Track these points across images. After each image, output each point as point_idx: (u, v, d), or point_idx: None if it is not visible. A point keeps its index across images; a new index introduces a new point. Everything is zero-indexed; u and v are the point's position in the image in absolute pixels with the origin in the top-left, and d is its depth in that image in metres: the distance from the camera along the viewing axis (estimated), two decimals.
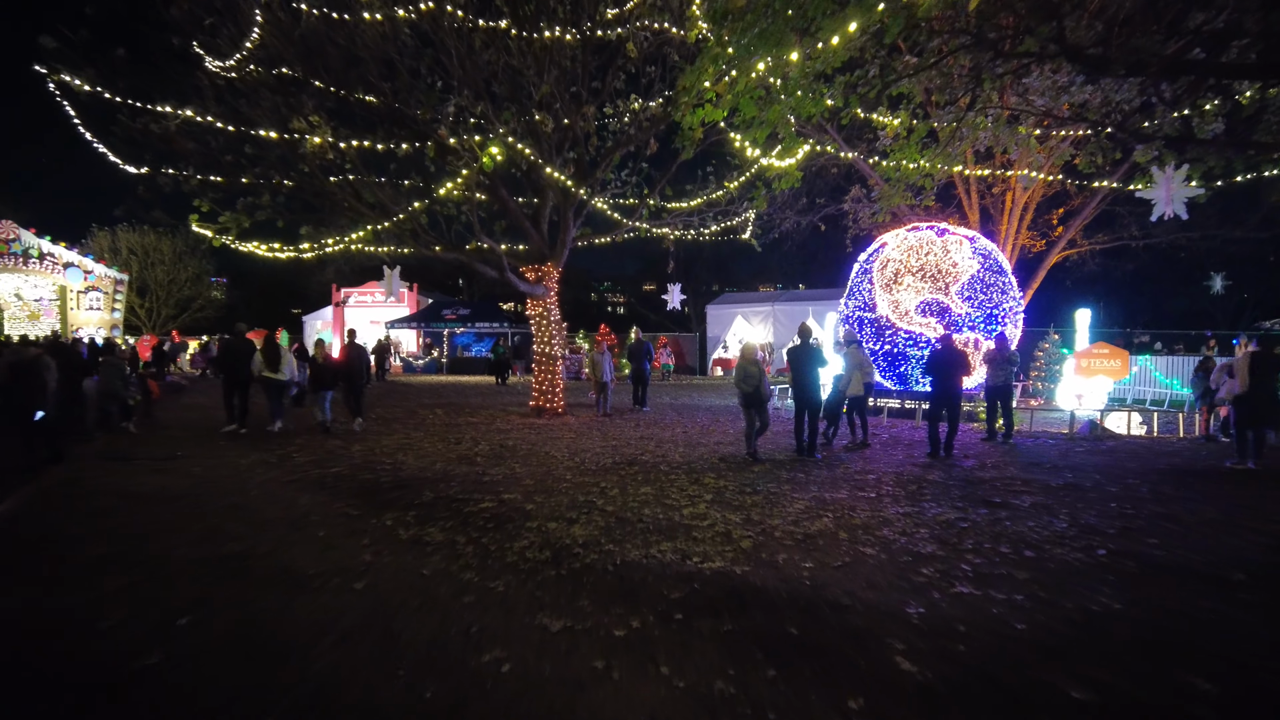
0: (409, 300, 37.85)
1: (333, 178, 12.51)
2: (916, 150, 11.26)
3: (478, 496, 7.69)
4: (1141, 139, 11.68)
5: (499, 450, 10.82)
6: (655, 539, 6.10)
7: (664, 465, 9.51)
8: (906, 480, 8.63)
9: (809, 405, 10.02)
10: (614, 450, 10.80)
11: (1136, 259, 26.10)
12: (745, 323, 31.70)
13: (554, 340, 15.85)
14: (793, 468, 9.40)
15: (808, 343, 10.12)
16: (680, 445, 11.29)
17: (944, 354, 10.46)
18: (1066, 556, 5.63)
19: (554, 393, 15.86)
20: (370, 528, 6.61)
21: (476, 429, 13.38)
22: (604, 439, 12.02)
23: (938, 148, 11.30)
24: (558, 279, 15.98)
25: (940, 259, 15.30)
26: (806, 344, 10.10)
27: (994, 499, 7.60)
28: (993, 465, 9.69)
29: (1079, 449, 11.06)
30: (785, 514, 6.95)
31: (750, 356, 9.85)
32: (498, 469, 9.32)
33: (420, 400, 19.79)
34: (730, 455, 10.35)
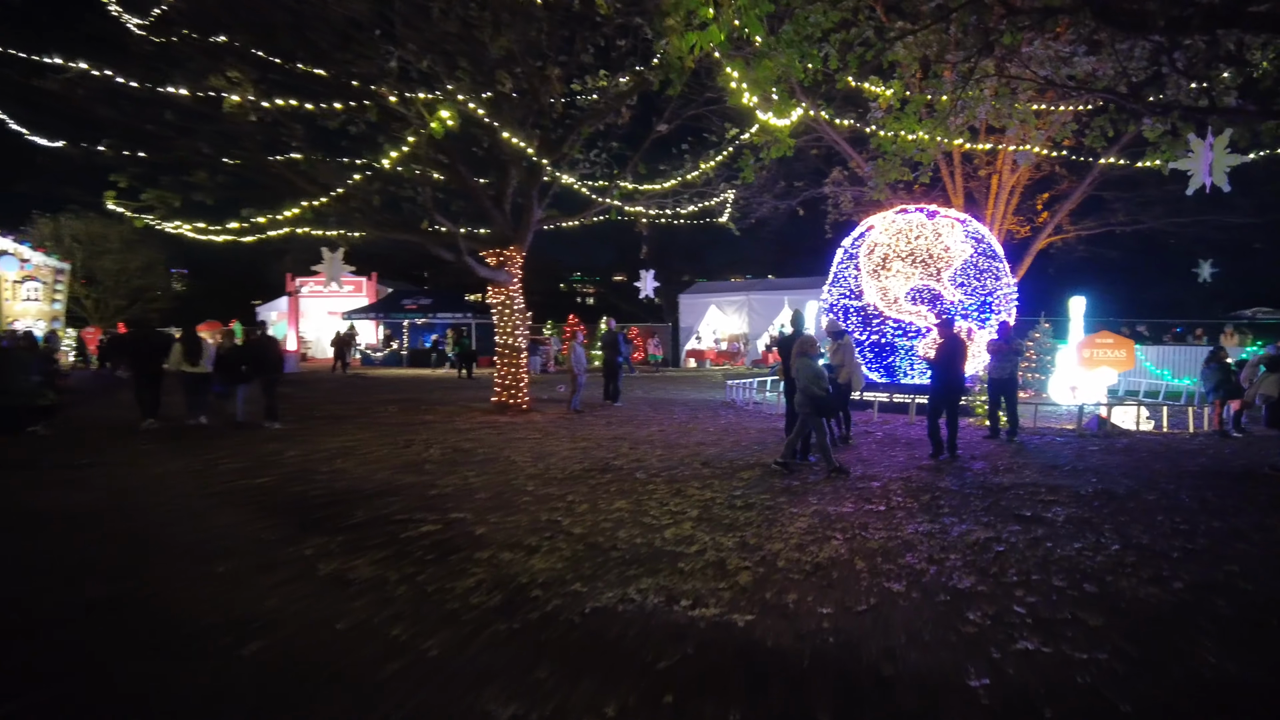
0: (368, 290, 36.27)
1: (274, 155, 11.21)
2: (915, 120, 10.24)
3: (421, 516, 6.48)
4: (1158, 109, 10.76)
5: (453, 455, 9.60)
6: (633, 573, 4.96)
7: (640, 472, 8.37)
8: (917, 488, 7.59)
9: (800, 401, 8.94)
10: (584, 454, 9.64)
11: (1121, 246, 25.51)
12: (720, 312, 30.67)
13: (518, 330, 14.62)
14: (786, 474, 8.31)
15: (801, 331, 9.05)
16: (658, 447, 10.16)
17: (947, 343, 9.46)
18: (1137, 592, 4.59)
19: (518, 388, 14.65)
20: (285, 558, 5.39)
21: (432, 429, 12.13)
22: (573, 440, 10.85)
23: (937, 118, 10.29)
24: (521, 264, 14.75)
25: (931, 243, 14.33)
26: (800, 333, 9.03)
27: (1023, 511, 6.58)
28: (1006, 468, 8.70)
29: (1092, 447, 10.13)
30: (786, 534, 5.85)
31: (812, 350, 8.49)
32: (449, 479, 8.11)
33: (376, 395, 18.44)
34: (715, 457, 9.25)
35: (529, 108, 13.25)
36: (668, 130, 14.87)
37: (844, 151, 20.72)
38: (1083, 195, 19.82)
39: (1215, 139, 7.42)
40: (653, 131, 14.51)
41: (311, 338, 38.25)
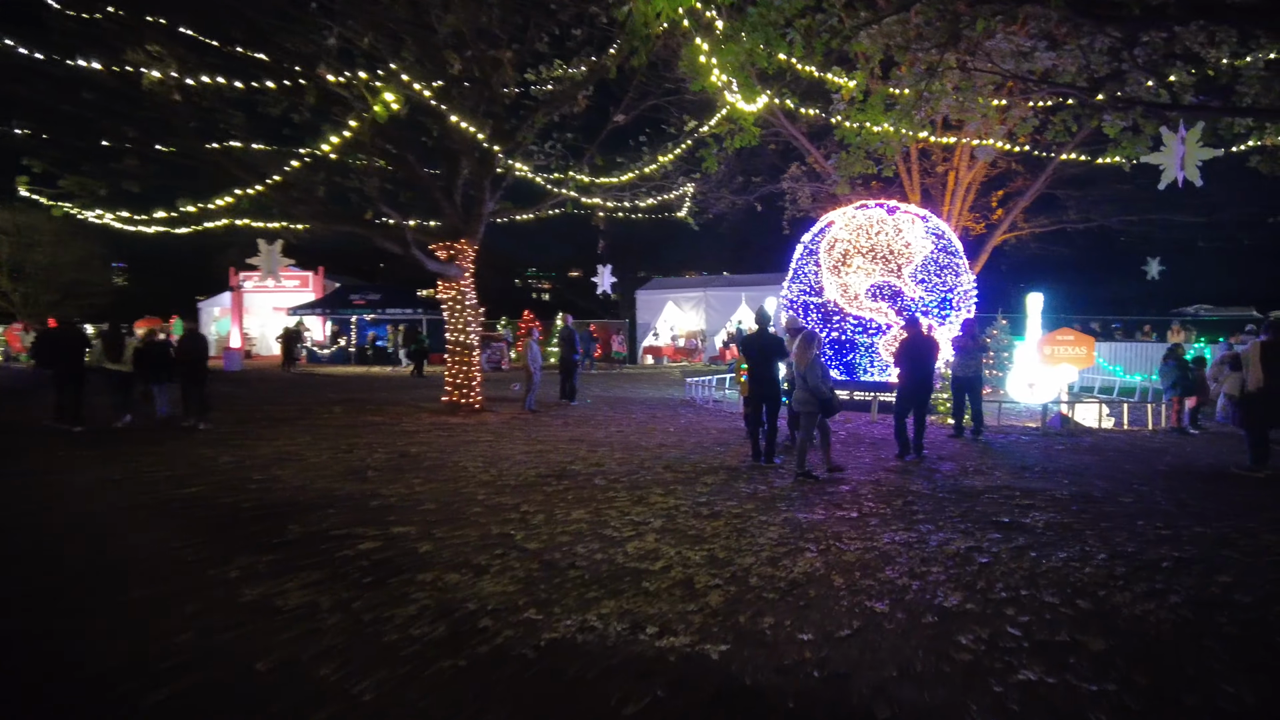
0: (314, 285, 35.11)
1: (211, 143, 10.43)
2: (880, 112, 9.96)
3: (360, 531, 5.94)
4: (1120, 105, 10.67)
5: (399, 460, 9.02)
6: (594, 595, 4.51)
7: (599, 477, 7.91)
8: (888, 492, 7.28)
9: (768, 403, 8.59)
10: (539, 458, 9.15)
11: (1072, 244, 25.83)
12: (677, 309, 30.35)
13: (469, 327, 14.04)
14: (751, 477, 7.94)
15: (767, 330, 8.69)
16: (617, 449, 9.71)
17: (914, 340, 9.20)
18: (1135, 610, 4.30)
19: (470, 387, 14.06)
20: (207, 582, 4.83)
21: (378, 431, 11.50)
22: (528, 442, 10.34)
23: (902, 110, 10.03)
24: (473, 258, 14.16)
25: (892, 239, 14.13)
26: (766, 332, 8.66)
27: (1001, 517, 6.30)
28: (976, 470, 8.46)
29: (1059, 446, 9.99)
30: (756, 546, 5.46)
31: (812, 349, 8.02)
32: (394, 487, 7.56)
33: (321, 394, 17.64)
34: (676, 460, 8.84)
35: (480, 94, 12.68)
36: (625, 121, 14.43)
37: (802, 146, 20.50)
38: (1038, 192, 19.91)
39: (1188, 132, 7.24)
40: (610, 122, 14.04)
41: (256, 334, 36.92)
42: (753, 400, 8.70)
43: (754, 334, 8.74)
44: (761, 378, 8.50)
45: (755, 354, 8.56)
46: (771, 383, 8.50)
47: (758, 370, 8.52)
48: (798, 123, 19.93)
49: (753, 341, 8.64)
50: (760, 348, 8.54)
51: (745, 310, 28.74)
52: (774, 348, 8.52)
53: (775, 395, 8.60)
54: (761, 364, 8.52)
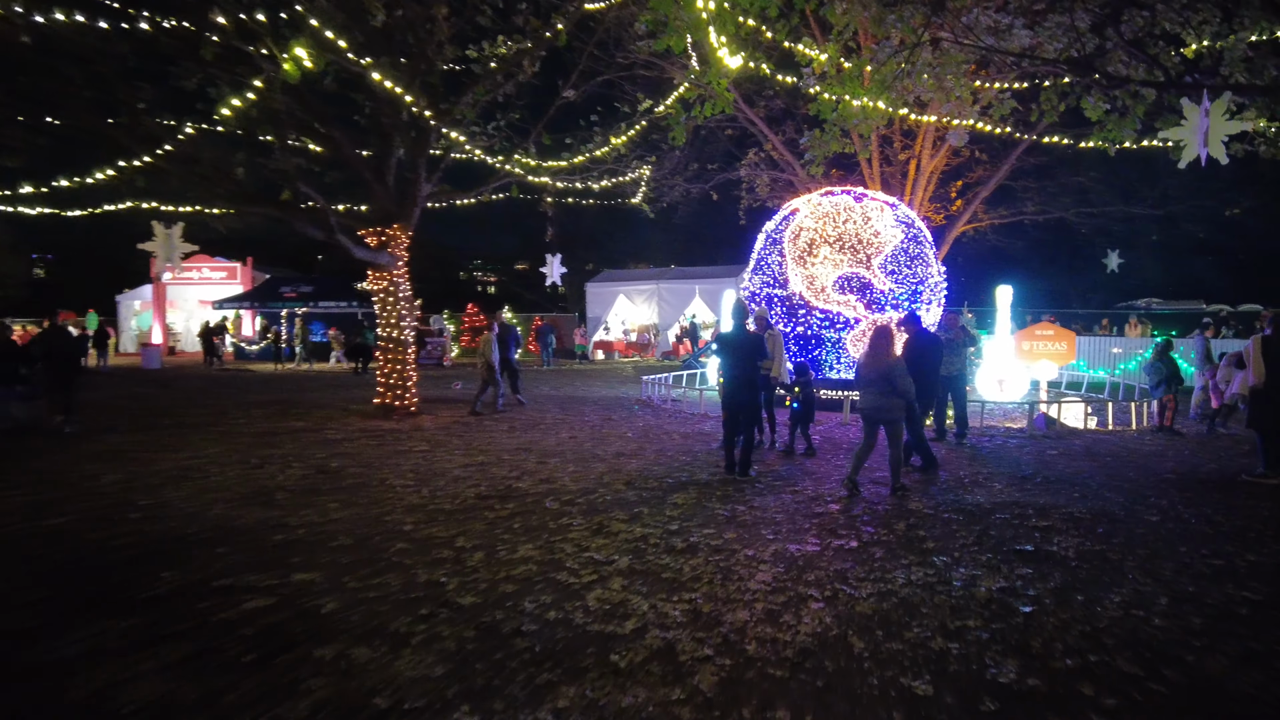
0: (242, 276, 33.04)
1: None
2: (858, 86, 9.04)
3: (252, 580, 4.72)
4: (1110, 84, 9.96)
5: (316, 478, 7.76)
6: (547, 678, 3.41)
7: (551, 498, 6.80)
8: (885, 512, 6.34)
9: (743, 408, 7.59)
10: (480, 472, 7.98)
11: (1026, 236, 25.60)
12: (628, 302, 29.28)
13: (404, 321, 12.74)
14: (726, 495, 6.93)
15: (743, 327, 7.67)
16: (570, 461, 8.60)
17: (915, 340, 8.23)
18: (1240, 683, 3.39)
19: (404, 387, 12.77)
20: (33, 664, 3.62)
21: (297, 440, 10.18)
22: (467, 452, 9.16)
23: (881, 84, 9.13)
24: (407, 245, 12.86)
25: (860, 227, 13.29)
26: (743, 329, 7.65)
27: (1023, 545, 5.40)
28: (972, 480, 7.61)
29: (1051, 451, 9.23)
30: (748, 594, 4.44)
31: (890, 348, 7.10)
32: (304, 514, 6.33)
33: (244, 395, 16.09)
34: (639, 474, 7.77)
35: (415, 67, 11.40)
36: (575, 98, 13.27)
37: (760, 132, 19.62)
38: (1000, 181, 19.41)
39: (1212, 104, 6.47)
40: (558, 98, 12.87)
41: (181, 329, 34.65)
42: (728, 405, 7.68)
43: (730, 332, 7.72)
44: (738, 381, 7.49)
45: (731, 354, 7.54)
46: (749, 386, 7.50)
47: (734, 372, 7.51)
48: (756, 107, 19.05)
49: (728, 340, 7.62)
50: (737, 347, 7.53)
51: (699, 304, 27.84)
52: (753, 347, 7.52)
53: (753, 401, 7.60)
54: (738, 366, 7.51)
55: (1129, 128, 10.28)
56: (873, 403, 7.05)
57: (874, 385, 6.98)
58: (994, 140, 19.08)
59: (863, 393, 7.23)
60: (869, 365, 7.06)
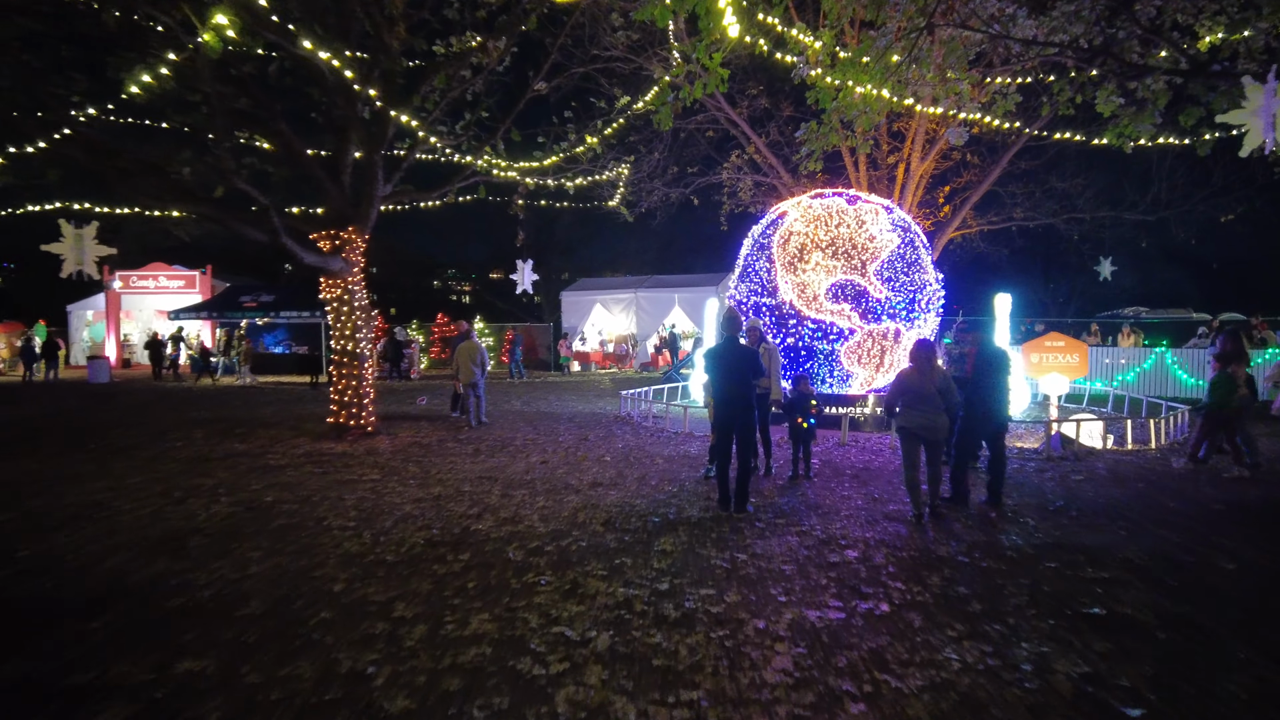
0: (201, 285, 31.57)
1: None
2: (860, 72, 8.15)
3: (119, 673, 3.62)
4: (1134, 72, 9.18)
5: (242, 515, 6.64)
6: None
7: (515, 544, 5.73)
8: (912, 560, 5.35)
9: (739, 433, 6.58)
10: (434, 508, 6.90)
11: (1011, 243, 24.97)
12: (605, 311, 28.24)
13: (359, 333, 11.61)
14: (722, 537, 5.91)
15: (737, 340, 6.68)
16: (540, 492, 7.53)
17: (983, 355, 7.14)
18: None
19: (360, 404, 11.63)
20: None
21: (234, 467, 9.02)
22: (423, 482, 8.06)
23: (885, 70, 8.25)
24: (364, 250, 11.75)
25: (854, 231, 12.40)
26: (736, 341, 6.66)
27: (1086, 605, 4.44)
28: (999, 513, 6.66)
29: (1074, 476, 8.31)
30: (764, 688, 3.42)
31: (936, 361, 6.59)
32: (218, 566, 5.22)
33: (190, 413, 14.82)
34: (619, 509, 6.73)
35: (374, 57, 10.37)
36: (546, 90, 12.26)
37: (743, 134, 18.76)
38: (991, 183, 18.70)
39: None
40: (528, 90, 11.85)
41: (137, 340, 33.02)
42: (720, 429, 6.68)
43: (720, 345, 6.73)
44: (732, 401, 6.50)
45: (722, 370, 6.55)
46: (744, 407, 6.51)
47: (727, 391, 6.51)
48: (738, 107, 18.19)
49: (719, 355, 6.62)
50: (729, 363, 6.54)
51: (679, 313, 26.87)
52: (747, 362, 6.53)
53: (748, 424, 6.59)
54: (731, 383, 6.52)
55: (1146, 121, 9.47)
56: (923, 421, 6.39)
57: (926, 402, 6.36)
58: (985, 143, 18.44)
59: (908, 410, 6.49)
60: (917, 380, 6.39)
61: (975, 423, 6.84)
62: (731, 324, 6.73)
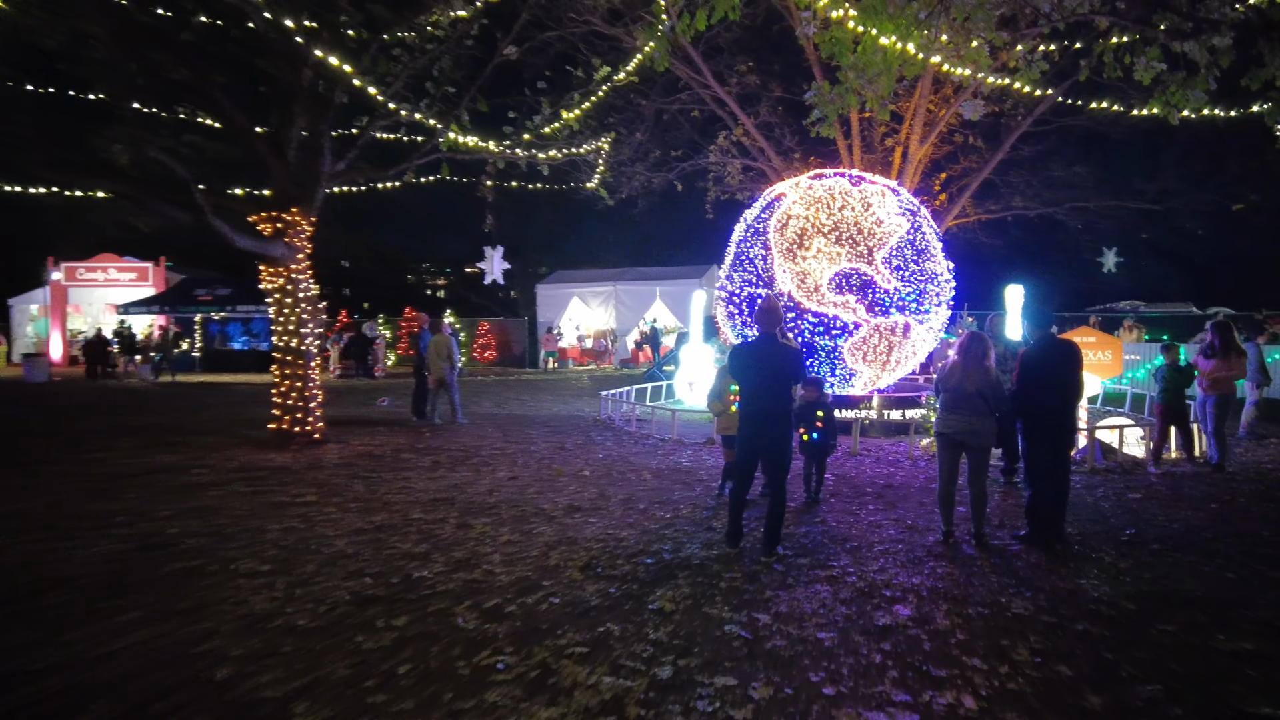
0: (154, 278, 29.81)
1: None
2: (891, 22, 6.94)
3: None
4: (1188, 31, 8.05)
5: (135, 556, 5.29)
6: None
7: (469, 602, 4.44)
8: (986, 623, 4.12)
9: (773, 456, 5.26)
10: (373, 545, 5.58)
11: (1006, 234, 24.01)
12: (583, 305, 26.93)
13: (304, 328, 10.25)
14: (736, 590, 4.64)
15: (775, 338, 5.39)
16: (505, 521, 6.24)
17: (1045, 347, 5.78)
18: None
19: (306, 409, 10.25)
20: None
21: (151, 484, 7.66)
22: (367, 505, 6.74)
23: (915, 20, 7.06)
24: (310, 234, 10.39)
25: (860, 215, 11.21)
26: (774, 340, 5.37)
27: (1250, 702, 3.26)
28: (1064, 549, 5.47)
29: (1131, 493, 7.15)
30: None
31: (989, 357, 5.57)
32: (72, 638, 3.88)
33: (124, 417, 13.37)
34: (601, 547, 5.47)
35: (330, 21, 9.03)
36: (517, 55, 10.94)
37: (731, 113, 17.52)
38: (994, 167, 17.62)
39: None
40: (497, 54, 10.52)
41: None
42: (745, 449, 5.37)
43: (756, 342, 5.44)
44: (765, 415, 5.20)
45: (758, 376, 5.25)
46: (780, 424, 5.24)
47: (760, 403, 5.22)
48: (726, 85, 16.94)
49: (753, 355, 5.35)
50: (767, 367, 5.24)
51: (660, 307, 25.62)
52: (789, 367, 5.26)
53: (783, 445, 5.27)
54: (766, 393, 5.23)
55: (1200, 87, 8.35)
56: (961, 425, 5.44)
57: (969, 403, 5.41)
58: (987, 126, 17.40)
59: (945, 413, 5.52)
60: (962, 378, 5.40)
61: (1039, 435, 5.62)
62: (770, 318, 5.42)
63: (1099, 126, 17.71)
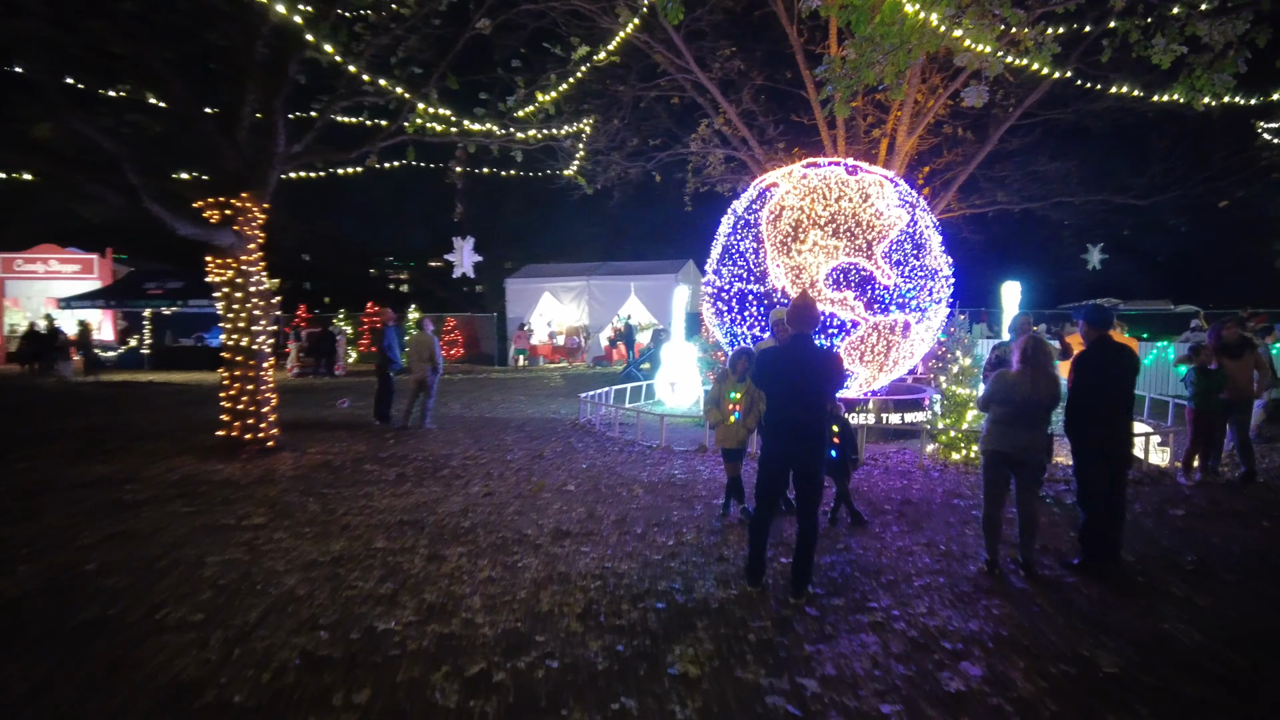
0: (100, 270, 28.25)
1: None
2: None
3: None
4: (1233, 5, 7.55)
5: (31, 600, 4.39)
6: None
7: (446, 663, 3.63)
8: (1073, 684, 3.43)
9: (806, 476, 4.51)
10: (329, 581, 4.74)
11: (987, 230, 23.66)
12: (554, 300, 26.02)
13: (256, 325, 9.30)
14: (766, 642, 3.91)
15: (811, 340, 4.60)
16: (483, 550, 5.42)
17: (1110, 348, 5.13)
18: None
19: (258, 413, 9.31)
20: None
21: (76, 502, 6.70)
22: (323, 529, 5.88)
23: None
24: (262, 222, 9.44)
25: (858, 207, 10.54)
26: (809, 343, 4.58)
27: None
28: (1131, 583, 4.82)
29: (1172, 509, 6.54)
30: None
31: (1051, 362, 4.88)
32: None
33: (61, 419, 12.25)
34: (600, 584, 4.69)
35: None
36: (490, 28, 10.07)
37: (712, 101, 16.78)
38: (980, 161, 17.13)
39: None
40: (469, 27, 9.64)
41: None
42: (770, 470, 4.58)
43: (786, 345, 4.71)
44: (797, 430, 4.46)
45: (788, 383, 4.49)
46: (814, 437, 4.49)
47: (790, 414, 4.48)
48: (709, 70, 16.20)
49: (784, 358, 4.59)
50: (800, 371, 4.47)
51: (635, 303, 24.82)
52: (826, 374, 4.50)
53: (815, 462, 4.52)
54: (799, 404, 4.48)
55: (1228, 69, 7.82)
56: (1026, 441, 4.76)
57: (1029, 417, 4.75)
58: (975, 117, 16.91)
59: (1001, 427, 4.84)
60: (1025, 387, 4.71)
61: (1097, 450, 4.96)
62: (805, 317, 4.61)
63: (1083, 121, 17.32)
